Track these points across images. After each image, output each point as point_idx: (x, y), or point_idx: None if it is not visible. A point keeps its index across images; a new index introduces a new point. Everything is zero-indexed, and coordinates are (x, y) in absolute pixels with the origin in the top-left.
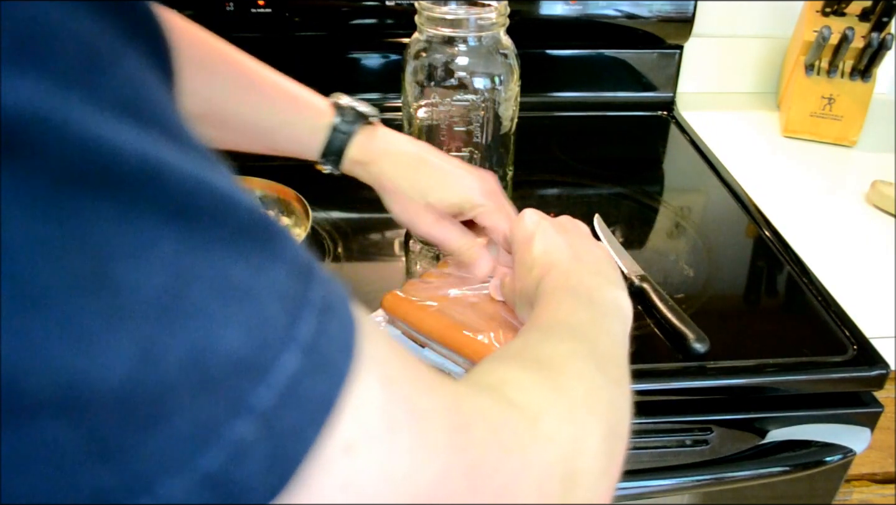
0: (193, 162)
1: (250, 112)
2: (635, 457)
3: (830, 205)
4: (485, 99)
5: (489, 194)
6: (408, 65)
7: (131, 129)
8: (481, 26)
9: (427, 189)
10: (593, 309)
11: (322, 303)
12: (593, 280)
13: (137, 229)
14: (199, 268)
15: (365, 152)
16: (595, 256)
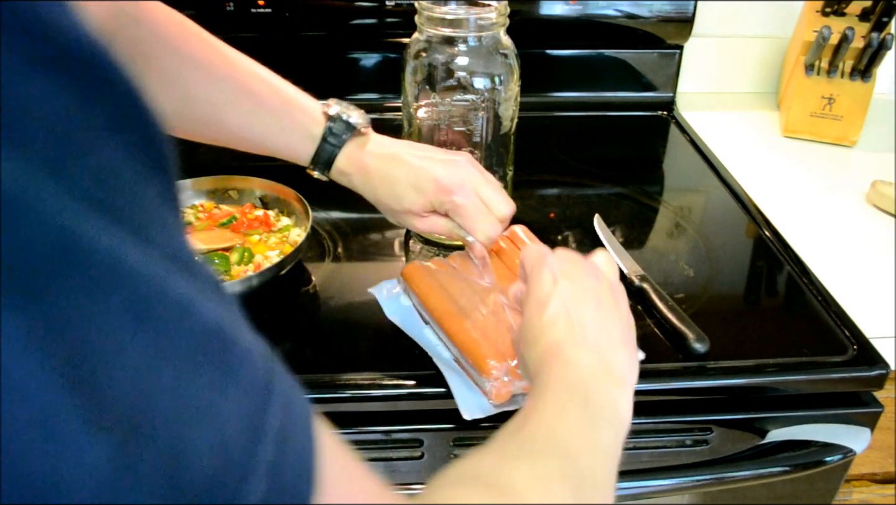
0: (156, 265)
1: (244, 117)
2: (635, 457)
3: (830, 205)
4: (485, 99)
5: (456, 190)
6: (408, 65)
7: (99, 222)
8: (481, 26)
9: (400, 196)
10: (587, 416)
11: (280, 427)
12: (596, 376)
13: (110, 328)
14: (164, 379)
15: (350, 164)
16: (606, 331)
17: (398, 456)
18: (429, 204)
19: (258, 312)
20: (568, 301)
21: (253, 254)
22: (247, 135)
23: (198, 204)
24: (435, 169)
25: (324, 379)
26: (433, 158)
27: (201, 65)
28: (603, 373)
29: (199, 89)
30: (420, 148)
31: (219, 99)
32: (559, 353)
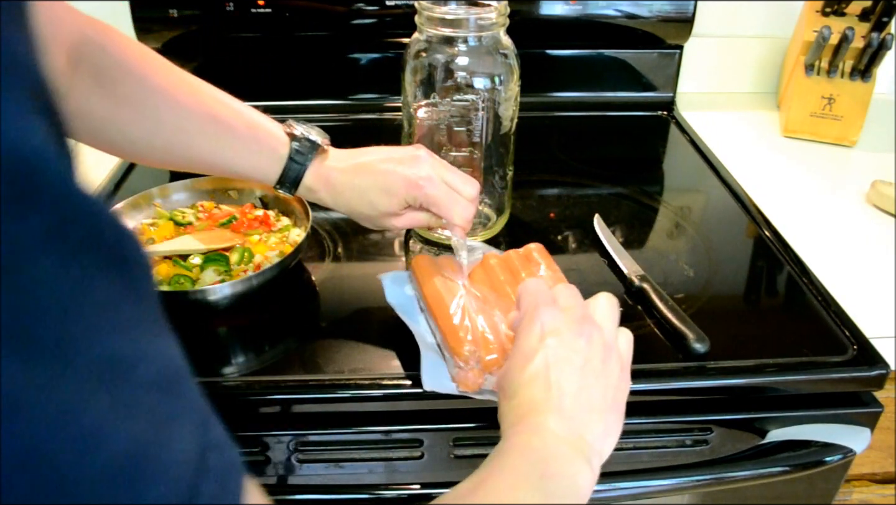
0: (65, 391)
1: (212, 143)
2: (635, 457)
3: (830, 205)
4: (485, 99)
5: (425, 184)
6: (408, 65)
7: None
8: (481, 26)
9: (373, 202)
10: (541, 489)
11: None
12: (561, 447)
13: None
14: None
15: (317, 180)
16: (586, 398)
17: (398, 456)
18: (402, 202)
19: (258, 312)
20: (551, 361)
21: (253, 254)
22: (216, 160)
23: (198, 204)
24: (400, 169)
25: (324, 379)
26: (394, 159)
27: (167, 93)
28: (571, 444)
29: (166, 116)
30: (377, 152)
31: (186, 125)
32: (531, 415)
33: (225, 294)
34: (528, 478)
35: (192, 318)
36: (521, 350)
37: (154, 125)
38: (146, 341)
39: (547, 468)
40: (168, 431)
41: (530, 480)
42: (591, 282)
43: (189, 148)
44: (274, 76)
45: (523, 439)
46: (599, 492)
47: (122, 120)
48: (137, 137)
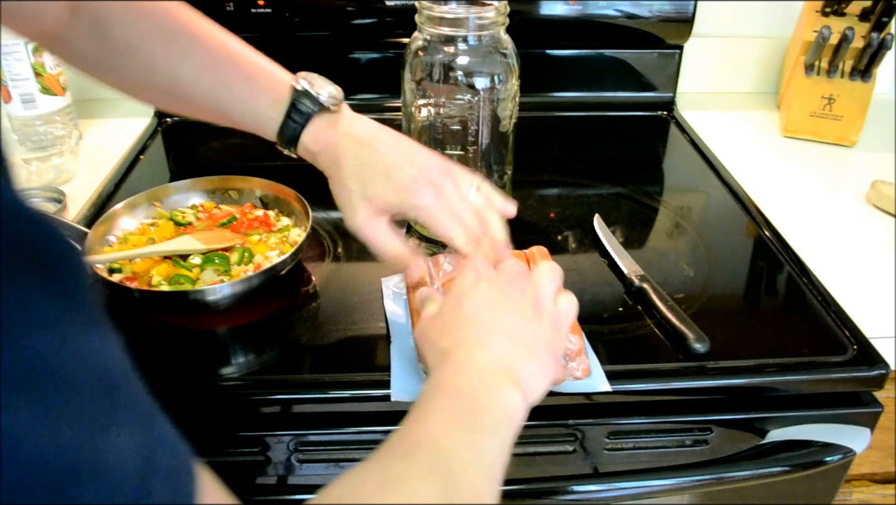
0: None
1: (207, 91)
2: (635, 457)
3: (830, 205)
4: (484, 98)
5: (432, 192)
6: (407, 64)
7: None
8: (481, 25)
9: (368, 181)
10: (472, 424)
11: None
12: (489, 378)
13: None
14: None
15: (316, 142)
16: (517, 339)
17: None
18: (395, 202)
19: (258, 312)
20: (483, 303)
21: (253, 254)
22: (210, 108)
23: (198, 204)
24: (411, 166)
25: (324, 379)
26: (410, 155)
27: (164, 37)
28: (499, 375)
29: (160, 60)
30: (398, 135)
31: (181, 72)
32: (459, 351)
33: (225, 294)
34: (460, 416)
35: (192, 318)
36: (454, 294)
37: (149, 73)
38: (78, 342)
39: (477, 403)
40: (105, 433)
41: (462, 418)
42: (592, 282)
43: (183, 95)
44: None
45: (451, 379)
46: (599, 492)
47: (119, 66)
48: (134, 82)
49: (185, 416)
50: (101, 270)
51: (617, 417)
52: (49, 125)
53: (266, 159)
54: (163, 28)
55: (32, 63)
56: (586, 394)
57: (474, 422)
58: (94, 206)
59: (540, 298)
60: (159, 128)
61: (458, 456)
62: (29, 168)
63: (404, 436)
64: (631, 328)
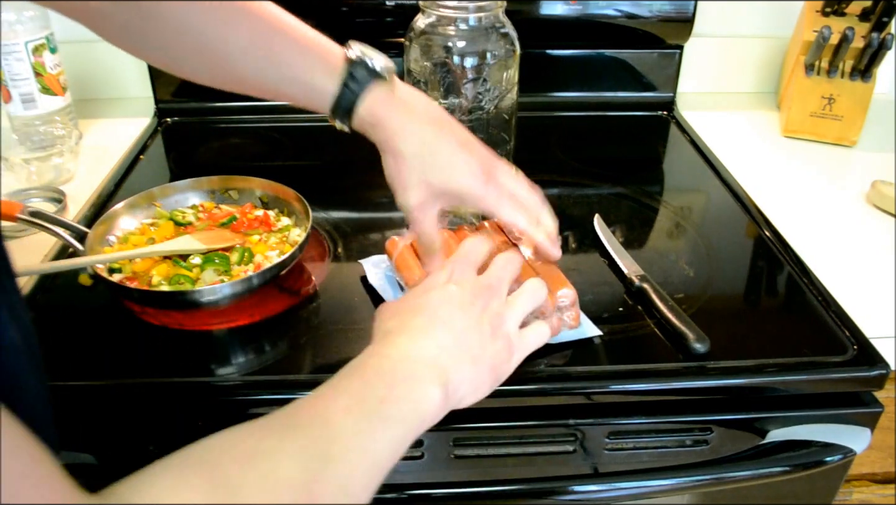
0: None
1: (259, 67)
2: (635, 457)
3: (830, 205)
4: (486, 77)
5: (491, 185)
6: (410, 45)
7: None
8: (481, 7)
9: (430, 167)
10: (374, 411)
11: None
12: (415, 370)
13: None
14: None
15: (373, 113)
16: (464, 344)
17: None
18: (456, 192)
19: (258, 313)
20: (444, 301)
21: (253, 254)
22: (261, 83)
23: (198, 204)
24: (473, 158)
25: (324, 379)
26: (470, 146)
27: (211, 13)
28: (427, 368)
29: (209, 38)
30: (458, 125)
31: (231, 49)
32: (400, 336)
33: (225, 294)
34: (365, 400)
35: (192, 318)
36: (423, 284)
37: (198, 50)
38: None
39: (390, 391)
40: None
41: (366, 403)
42: (591, 282)
43: (234, 72)
44: None
45: (374, 360)
46: (599, 492)
47: (166, 44)
48: (181, 58)
49: (185, 416)
50: (101, 270)
51: (617, 417)
52: (49, 125)
53: (266, 159)
54: (213, 4)
55: (32, 63)
56: (578, 341)
57: (378, 409)
58: (94, 206)
59: (503, 317)
60: (159, 128)
61: (343, 441)
62: (29, 168)
63: (301, 407)
64: (631, 328)
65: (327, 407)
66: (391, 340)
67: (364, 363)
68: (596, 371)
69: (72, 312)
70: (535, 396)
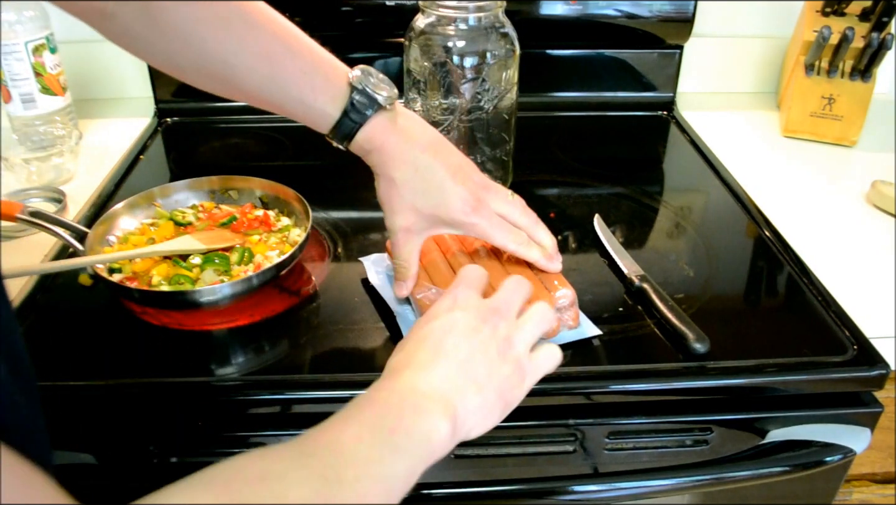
0: None
1: (261, 82)
2: (635, 457)
3: (830, 205)
4: (485, 77)
5: (481, 212)
6: (410, 45)
7: None
8: (481, 7)
9: (420, 194)
10: (385, 441)
11: None
12: (420, 402)
13: None
14: None
15: (371, 140)
16: (470, 372)
17: None
18: (445, 220)
19: (258, 312)
20: (448, 328)
21: (253, 254)
22: (264, 98)
23: (198, 204)
24: (463, 187)
25: (324, 379)
26: (462, 174)
27: (218, 23)
28: (434, 401)
29: (213, 48)
30: (453, 151)
31: (235, 60)
32: (405, 370)
33: (225, 294)
34: (376, 431)
35: (192, 318)
36: (428, 313)
37: (201, 59)
38: None
39: (399, 422)
40: None
41: (377, 433)
42: (591, 282)
43: (236, 84)
44: None
45: (383, 394)
46: (599, 492)
47: (170, 50)
48: (186, 67)
49: (185, 416)
50: (101, 270)
51: (617, 417)
52: (49, 125)
53: (266, 159)
54: (217, 13)
55: (32, 63)
56: (578, 341)
57: (388, 439)
58: (94, 206)
59: (512, 341)
60: (159, 128)
61: (355, 468)
62: (29, 168)
63: (313, 436)
64: (631, 328)
65: (338, 436)
66: (397, 375)
67: (373, 397)
68: (596, 371)
69: (72, 312)
70: (535, 396)
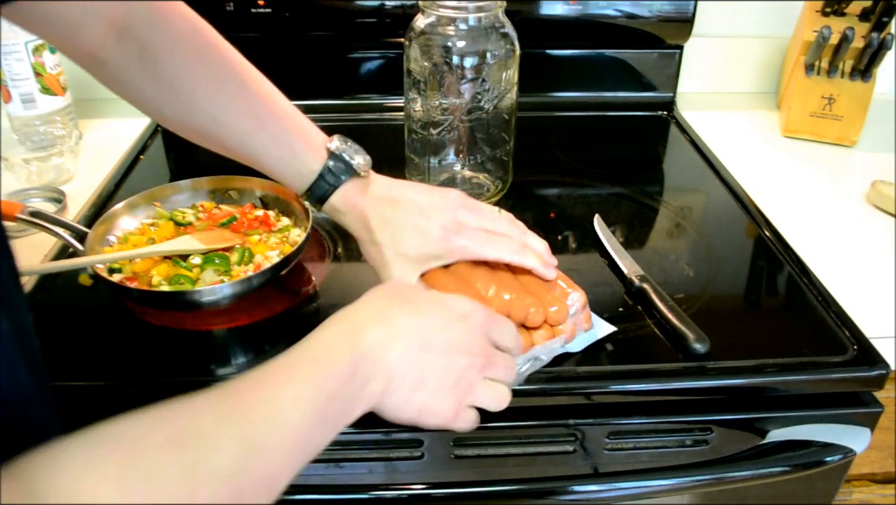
0: None
1: (244, 138)
2: (635, 457)
3: (830, 205)
4: (485, 77)
5: (462, 235)
6: (410, 45)
7: None
8: (481, 7)
9: (399, 239)
10: (320, 410)
11: None
12: (372, 380)
13: None
14: None
15: (345, 203)
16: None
17: (398, 456)
18: (431, 255)
19: (258, 312)
20: (446, 331)
21: (253, 254)
22: (245, 154)
23: (198, 204)
24: (438, 220)
25: None
26: (434, 205)
27: (211, 79)
28: (381, 381)
29: (202, 102)
30: (416, 189)
31: (222, 116)
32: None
33: (225, 294)
34: (317, 393)
35: (192, 318)
36: (445, 295)
37: (188, 111)
38: None
39: (340, 391)
40: None
41: (317, 397)
42: (592, 282)
43: (220, 138)
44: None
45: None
46: (599, 492)
47: (158, 98)
48: (172, 117)
49: None
50: (101, 270)
51: (617, 417)
52: (49, 125)
53: None
54: (212, 71)
55: (32, 63)
56: (596, 342)
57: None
58: (94, 206)
59: (473, 390)
60: (159, 128)
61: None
62: (29, 168)
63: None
64: (631, 328)
65: (277, 393)
66: (367, 331)
67: (332, 349)
68: (596, 371)
69: (72, 312)
70: (535, 396)
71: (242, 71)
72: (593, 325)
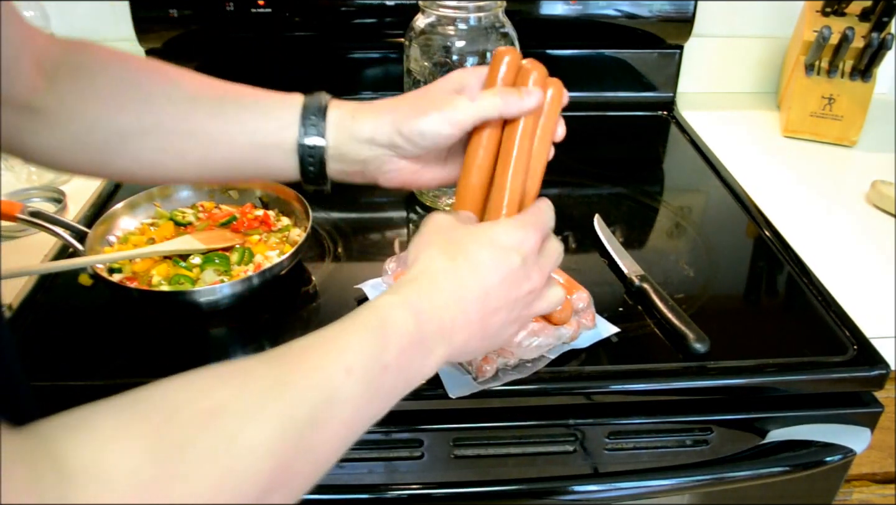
0: None
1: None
2: (635, 457)
3: (830, 205)
4: None
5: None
6: (410, 45)
7: None
8: (481, 7)
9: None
10: (375, 382)
11: None
12: (430, 352)
13: None
14: None
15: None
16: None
17: (398, 456)
18: (452, 88)
19: (258, 312)
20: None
21: (253, 254)
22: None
23: (198, 204)
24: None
25: None
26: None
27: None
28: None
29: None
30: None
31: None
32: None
33: (225, 294)
34: (370, 363)
35: (192, 318)
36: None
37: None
38: None
39: (396, 360)
40: None
41: (370, 368)
42: (592, 282)
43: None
44: (274, 76)
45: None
46: (599, 492)
47: (107, 112)
48: (126, 132)
49: None
50: (101, 270)
51: (617, 417)
52: None
53: None
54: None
55: None
56: (597, 344)
57: (376, 379)
58: (94, 206)
59: (532, 309)
60: None
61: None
62: (29, 168)
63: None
64: (631, 328)
65: (328, 363)
66: (428, 292)
67: (387, 315)
68: (596, 371)
69: (72, 312)
70: (535, 396)
71: (186, 74)
72: (596, 324)
